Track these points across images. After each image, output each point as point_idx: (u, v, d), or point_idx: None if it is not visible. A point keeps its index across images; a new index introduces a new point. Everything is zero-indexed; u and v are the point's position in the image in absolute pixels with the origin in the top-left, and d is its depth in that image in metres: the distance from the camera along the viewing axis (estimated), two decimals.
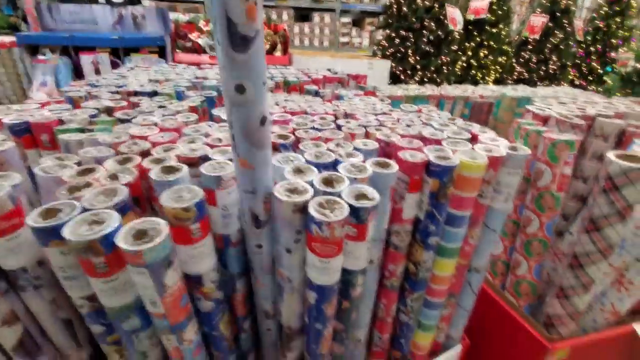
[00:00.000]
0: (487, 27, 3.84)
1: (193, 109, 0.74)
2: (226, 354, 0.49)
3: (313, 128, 0.59)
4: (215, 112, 0.70)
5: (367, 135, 0.59)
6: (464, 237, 0.53)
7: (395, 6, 3.56)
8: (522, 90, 1.49)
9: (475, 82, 3.93)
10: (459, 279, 0.59)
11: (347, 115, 0.71)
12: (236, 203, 0.43)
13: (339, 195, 0.36)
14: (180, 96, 0.87)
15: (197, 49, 2.89)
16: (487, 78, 4.01)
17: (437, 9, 3.42)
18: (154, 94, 0.85)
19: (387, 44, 3.66)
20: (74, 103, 0.76)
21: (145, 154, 0.47)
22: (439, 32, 3.47)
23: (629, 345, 0.68)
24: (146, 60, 2.69)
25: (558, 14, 3.86)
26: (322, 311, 0.41)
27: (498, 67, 4.00)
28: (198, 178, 0.42)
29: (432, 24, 3.42)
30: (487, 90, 1.47)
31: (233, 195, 0.42)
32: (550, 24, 3.88)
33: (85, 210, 0.32)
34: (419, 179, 0.46)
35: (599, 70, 4.17)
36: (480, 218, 0.53)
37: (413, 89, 1.39)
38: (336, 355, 0.53)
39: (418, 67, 3.58)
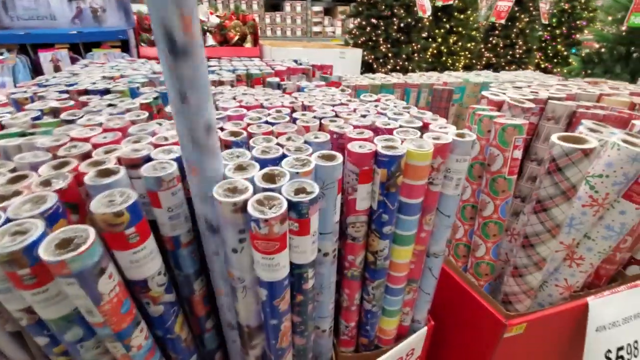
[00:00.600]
0: (456, 14, 3.89)
1: (146, 107, 0.71)
2: (185, 355, 0.49)
3: (266, 122, 0.58)
4: (169, 109, 0.68)
5: (321, 127, 0.59)
6: (419, 224, 0.54)
7: None
8: (485, 76, 1.53)
9: (445, 69, 3.99)
10: (418, 265, 0.61)
11: (304, 108, 0.70)
12: (183, 203, 0.42)
13: (279, 191, 0.36)
14: (135, 93, 0.84)
15: None
16: (457, 64, 4.08)
17: None
18: (105, 92, 0.81)
19: (358, 33, 3.65)
20: (19, 105, 0.72)
21: (85, 157, 0.45)
22: (409, 19, 3.49)
23: (583, 319, 0.72)
24: (109, 55, 2.58)
25: None
26: (274, 307, 0.41)
27: (467, 53, 4.08)
28: (141, 180, 0.40)
29: (402, 11, 3.43)
30: (452, 77, 1.50)
31: (179, 195, 0.41)
32: (516, 8, 3.97)
33: (9, 220, 0.31)
34: (369, 169, 0.47)
35: (564, 53, 4.33)
36: (433, 205, 0.54)
37: (379, 77, 1.40)
38: (299, 348, 0.53)
39: (389, 55, 3.59)
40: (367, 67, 3.68)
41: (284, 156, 0.45)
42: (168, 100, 0.86)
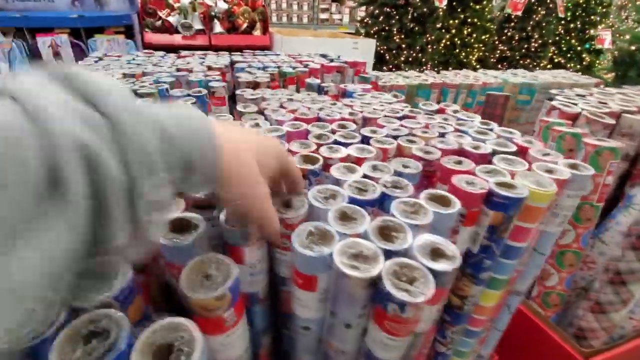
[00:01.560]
0: (471, 4, 3.75)
1: None
2: None
3: (336, 143, 0.50)
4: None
5: (399, 149, 0.51)
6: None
7: None
8: (522, 76, 1.44)
9: (459, 62, 3.88)
10: (500, 304, 0.54)
11: (366, 121, 0.62)
12: (264, 257, 0.34)
13: (409, 254, 0.28)
14: (164, 95, 0.75)
15: (169, 29, 2.64)
16: (470, 57, 3.97)
17: None
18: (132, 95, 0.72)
19: (370, 22, 3.51)
20: None
21: None
22: (424, 9, 3.35)
23: None
24: (112, 42, 2.44)
25: None
26: None
27: (481, 46, 3.96)
28: (210, 222, 0.32)
29: (417, 0, 3.30)
30: (488, 77, 1.41)
31: (264, 247, 0.33)
32: (532, 0, 3.84)
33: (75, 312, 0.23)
34: (478, 211, 0.39)
35: (578, 48, 4.21)
36: (533, 244, 0.47)
37: (413, 76, 1.30)
38: None
39: (403, 46, 3.47)
40: (378, 59, 3.55)
41: (384, 197, 0.37)
42: (205, 102, 0.77)
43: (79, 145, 0.16)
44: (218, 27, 2.76)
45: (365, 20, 3.57)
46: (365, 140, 0.52)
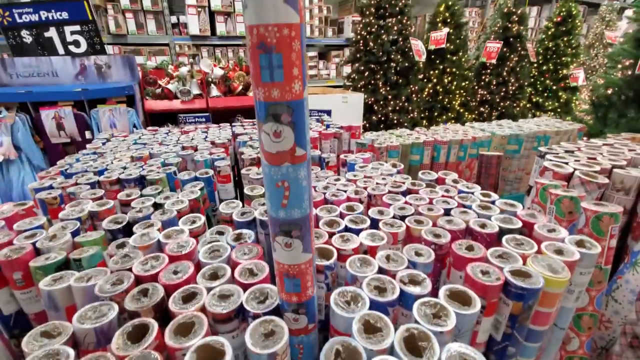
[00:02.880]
0: (448, 56, 4.04)
1: (194, 202, 0.64)
2: None
3: (347, 230, 0.51)
4: (226, 209, 0.61)
5: (408, 232, 0.52)
6: None
7: (362, 41, 3.67)
8: (507, 127, 1.52)
9: (443, 107, 4.08)
10: None
11: (371, 199, 0.64)
12: None
13: None
14: (171, 179, 0.77)
15: (168, 95, 2.77)
16: (453, 102, 4.18)
17: (401, 42, 3.56)
18: (141, 180, 0.74)
19: (357, 77, 3.74)
20: (47, 208, 0.64)
21: (158, 307, 0.37)
22: (406, 63, 3.60)
23: None
24: (114, 111, 2.54)
25: (511, 39, 4.15)
26: None
27: (462, 92, 4.20)
28: (232, 335, 0.32)
29: (399, 55, 3.55)
30: (476, 130, 1.48)
31: None
32: (505, 49, 4.16)
33: None
34: (497, 301, 0.39)
35: (553, 87, 4.49)
36: (552, 322, 0.47)
37: (405, 135, 1.37)
38: None
39: (389, 97, 3.67)
40: (367, 109, 3.73)
41: (403, 294, 0.37)
42: (212, 183, 0.79)
43: None
44: (215, 91, 2.91)
45: (352, 76, 3.80)
46: (374, 223, 0.53)
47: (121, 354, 0.31)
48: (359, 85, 3.74)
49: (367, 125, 3.73)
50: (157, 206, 0.62)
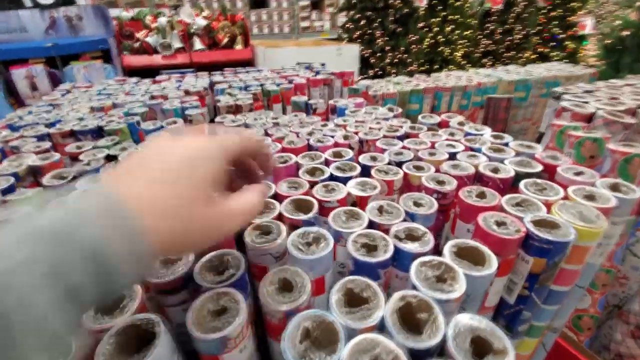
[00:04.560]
0: (450, 1, 3.74)
1: None
2: None
3: (332, 178, 0.43)
4: None
5: (406, 179, 0.43)
6: None
7: None
8: (515, 72, 1.39)
9: (444, 60, 3.86)
10: (536, 348, 0.46)
11: (363, 144, 0.55)
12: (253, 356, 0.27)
13: (442, 350, 0.21)
14: (135, 130, 0.67)
15: (147, 49, 2.56)
16: (455, 54, 3.95)
17: None
18: (98, 131, 0.64)
19: (352, 27, 3.47)
20: None
21: None
22: (405, 10, 3.33)
23: None
24: (90, 67, 2.35)
25: None
26: None
27: (465, 42, 3.95)
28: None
29: (398, 1, 3.27)
30: (481, 76, 1.35)
31: (248, 347, 0.25)
32: None
33: None
34: (514, 258, 0.32)
35: (561, 36, 4.23)
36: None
37: (404, 82, 1.24)
38: None
39: (387, 48, 3.44)
40: (364, 63, 3.51)
41: (398, 254, 0.29)
42: None
43: None
44: (198, 44, 2.69)
45: (347, 26, 3.54)
46: (365, 170, 0.45)
47: None
48: (355, 36, 3.49)
49: (363, 79, 3.54)
50: (110, 158, 0.53)
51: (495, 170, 0.42)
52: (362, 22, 3.44)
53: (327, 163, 0.47)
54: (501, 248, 0.30)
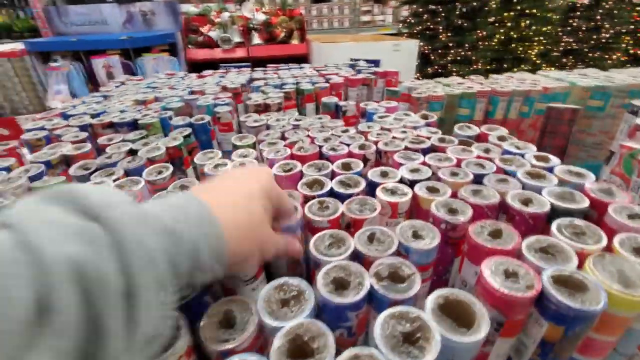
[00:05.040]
0: None
1: (174, 151, 0.56)
2: None
3: (332, 193, 0.39)
4: (201, 160, 0.52)
5: (415, 202, 0.38)
6: None
7: None
8: (593, 77, 1.19)
9: (516, 58, 3.50)
10: None
11: (380, 155, 0.50)
12: None
13: None
14: (166, 124, 0.69)
15: (210, 43, 2.70)
16: (530, 52, 3.56)
17: None
18: (133, 124, 0.68)
19: (413, 21, 3.30)
20: (32, 149, 0.61)
21: None
22: (474, 3, 3.07)
23: None
24: (158, 60, 2.56)
25: None
26: None
27: (542, 39, 3.53)
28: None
29: None
30: (550, 79, 1.18)
31: None
32: None
33: None
34: (523, 318, 0.26)
35: None
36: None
37: (455, 84, 1.14)
38: None
39: (450, 44, 3.21)
40: (423, 60, 3.33)
41: (373, 297, 0.25)
42: (207, 131, 0.71)
43: (70, 264, 0.16)
44: (256, 39, 2.77)
45: (408, 20, 3.37)
46: (372, 187, 0.40)
47: None
48: (415, 31, 3.32)
49: (421, 78, 3.36)
50: (133, 152, 0.55)
51: (527, 201, 0.35)
52: (425, 16, 3.25)
53: (333, 175, 0.43)
54: (505, 307, 0.25)
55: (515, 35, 3.55)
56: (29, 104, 2.52)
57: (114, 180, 0.45)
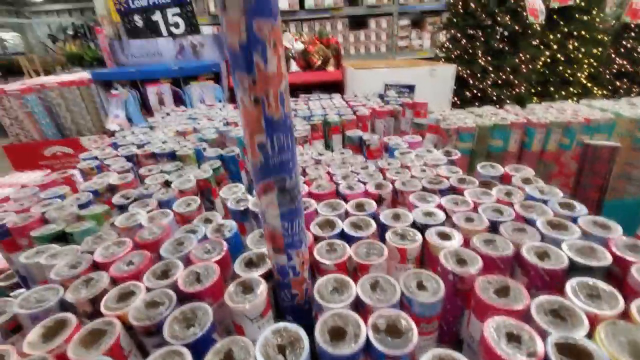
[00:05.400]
0: (577, 15, 3.23)
1: (204, 183, 0.60)
2: None
3: (342, 235, 0.40)
4: (225, 194, 0.56)
5: (426, 248, 0.38)
6: None
7: (460, 2, 3.18)
8: None
9: (564, 81, 3.34)
10: None
11: (397, 195, 0.51)
12: None
13: None
14: (200, 156, 0.75)
15: None
16: (578, 75, 3.38)
17: (512, 1, 2.95)
18: (172, 155, 0.74)
19: (451, 46, 3.28)
20: (85, 176, 0.69)
21: (96, 300, 0.33)
22: (515, 27, 3.00)
23: None
24: (203, 87, 2.76)
25: None
26: None
27: (592, 61, 3.34)
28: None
29: (507, 17, 2.97)
30: (593, 109, 1.12)
31: None
32: None
33: None
34: None
35: None
36: None
37: (487, 113, 1.11)
38: None
39: (490, 68, 3.14)
40: (461, 84, 3.28)
41: (370, 349, 0.26)
42: (236, 162, 0.75)
43: None
44: (294, 66, 2.91)
45: (446, 45, 3.36)
46: (383, 230, 0.41)
47: (29, 351, 0.28)
48: (453, 56, 3.29)
49: (459, 102, 3.29)
50: (168, 184, 0.60)
51: (544, 255, 0.34)
52: (463, 41, 3.22)
53: (346, 215, 0.45)
54: None
55: (561, 57, 3.39)
56: (91, 126, 2.81)
57: (148, 212, 0.49)
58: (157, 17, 2.83)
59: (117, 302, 0.32)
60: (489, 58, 3.20)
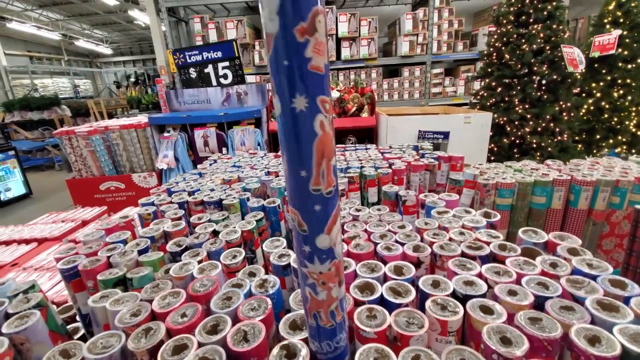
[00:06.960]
0: (620, 64, 3.16)
1: (247, 234, 0.64)
2: None
3: (382, 301, 0.41)
4: (268, 248, 0.59)
5: (468, 322, 0.38)
6: None
7: (495, 53, 3.23)
8: None
9: (610, 129, 3.20)
10: None
11: (435, 258, 0.51)
12: None
13: None
14: (244, 205, 0.80)
15: None
16: (626, 123, 3.23)
17: (549, 51, 2.96)
18: (219, 204, 0.80)
19: (486, 94, 3.30)
20: (143, 222, 0.76)
21: (153, 352, 0.36)
22: (554, 76, 2.97)
23: None
24: (245, 131, 2.96)
25: None
26: None
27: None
28: None
29: (544, 67, 2.96)
30: None
31: None
32: None
33: None
34: None
35: None
36: None
37: (528, 169, 1.09)
38: None
39: (528, 116, 3.09)
40: (497, 131, 3.23)
41: None
42: (277, 213, 0.80)
43: None
44: None
45: (480, 93, 3.38)
46: (422, 297, 0.42)
47: None
48: (488, 104, 3.29)
49: (496, 149, 3.24)
50: (216, 233, 0.65)
51: (595, 340, 0.33)
52: (499, 90, 3.23)
53: (384, 279, 0.46)
54: None
55: (607, 105, 3.28)
56: (142, 164, 3.06)
57: (199, 262, 0.53)
58: (209, 69, 3.15)
59: (172, 355, 0.35)
60: (527, 106, 3.16)
